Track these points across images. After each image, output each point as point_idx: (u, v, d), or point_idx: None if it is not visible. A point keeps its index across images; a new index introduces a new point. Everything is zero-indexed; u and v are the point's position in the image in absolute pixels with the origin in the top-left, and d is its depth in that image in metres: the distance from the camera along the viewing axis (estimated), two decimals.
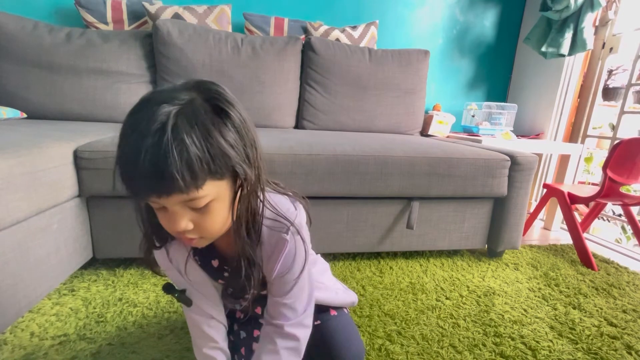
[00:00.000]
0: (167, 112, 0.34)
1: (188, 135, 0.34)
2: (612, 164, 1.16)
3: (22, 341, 0.71)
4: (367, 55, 1.62)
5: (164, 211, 0.39)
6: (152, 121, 0.34)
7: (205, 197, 0.38)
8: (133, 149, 0.34)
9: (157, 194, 0.35)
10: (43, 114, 1.35)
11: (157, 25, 1.40)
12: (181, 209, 0.38)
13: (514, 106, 1.83)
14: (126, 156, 0.35)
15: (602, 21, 1.69)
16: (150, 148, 0.33)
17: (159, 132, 0.33)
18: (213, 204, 0.39)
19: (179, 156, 0.33)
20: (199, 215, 0.39)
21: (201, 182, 0.36)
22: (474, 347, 0.78)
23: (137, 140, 0.34)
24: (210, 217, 0.40)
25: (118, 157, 0.36)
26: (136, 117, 0.36)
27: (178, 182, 0.34)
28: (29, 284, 0.73)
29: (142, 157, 0.33)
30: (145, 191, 0.36)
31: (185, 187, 0.35)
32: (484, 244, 1.26)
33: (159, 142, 0.33)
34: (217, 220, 0.41)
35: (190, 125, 0.34)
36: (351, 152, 1.03)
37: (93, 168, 0.88)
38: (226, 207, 0.41)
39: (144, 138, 0.33)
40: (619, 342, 0.83)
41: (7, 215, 0.65)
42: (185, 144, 0.34)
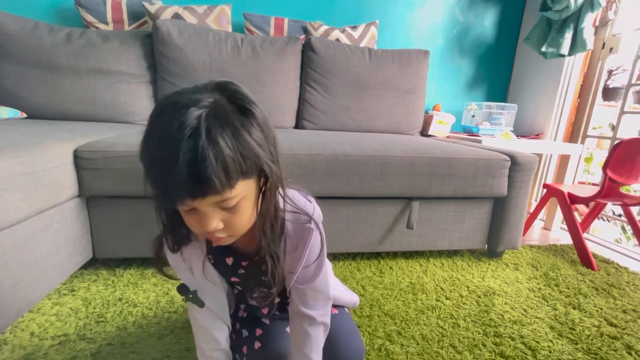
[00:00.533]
0: (197, 115, 0.34)
1: (221, 137, 0.35)
2: (612, 164, 1.16)
3: (22, 341, 0.71)
4: (367, 55, 1.62)
5: (194, 213, 0.39)
6: (183, 126, 0.33)
7: (237, 197, 0.39)
8: (168, 154, 0.34)
9: (193, 197, 0.36)
10: (43, 114, 1.35)
11: (157, 25, 1.40)
12: (212, 210, 0.39)
13: (514, 106, 1.83)
14: (161, 162, 0.35)
15: (602, 21, 1.69)
16: (187, 153, 0.33)
17: (193, 136, 0.33)
18: (242, 202, 0.40)
19: (215, 159, 0.34)
20: (228, 215, 0.40)
21: (234, 182, 0.37)
22: (474, 347, 0.78)
23: (171, 145, 0.34)
24: (239, 215, 0.41)
25: (150, 162, 0.37)
26: (164, 122, 0.35)
27: (215, 185, 0.35)
28: (29, 284, 0.73)
29: (180, 162, 0.33)
30: (182, 195, 0.36)
31: (221, 189, 0.35)
32: (484, 244, 1.26)
33: (195, 146, 0.33)
34: (245, 217, 0.42)
35: (222, 127, 0.35)
36: (351, 152, 1.03)
37: (93, 168, 0.88)
38: (252, 204, 0.43)
39: (178, 143, 0.33)
40: (619, 342, 0.83)
41: (7, 215, 0.65)
42: (220, 147, 0.34)
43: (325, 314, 0.53)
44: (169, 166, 0.34)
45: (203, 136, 0.33)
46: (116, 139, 0.95)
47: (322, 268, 0.51)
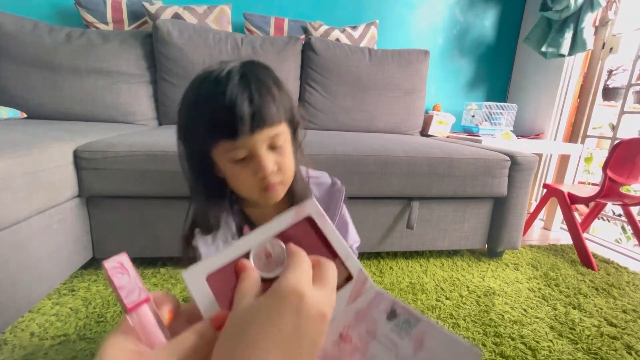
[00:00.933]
0: (236, 68, 0.41)
1: (266, 79, 0.42)
2: (612, 164, 1.16)
3: (22, 341, 0.71)
4: (367, 55, 1.62)
5: (248, 163, 0.43)
6: (231, 74, 0.40)
7: (283, 134, 0.44)
8: (225, 93, 0.39)
9: (252, 129, 0.40)
10: (43, 114, 1.35)
11: (157, 25, 1.40)
12: (265, 151, 0.43)
13: (514, 106, 1.83)
14: (219, 102, 0.40)
15: (602, 21, 1.69)
16: (244, 90, 0.40)
17: (243, 77, 0.40)
18: (285, 144, 0.45)
19: (268, 93, 0.41)
20: (279, 157, 0.45)
21: (282, 117, 0.44)
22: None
23: (226, 86, 0.40)
24: (287, 158, 0.46)
25: (209, 109, 0.41)
26: (208, 79, 0.42)
27: (270, 114, 0.41)
28: (29, 284, 0.74)
29: (238, 97, 0.39)
30: (244, 126, 0.40)
31: (276, 119, 0.42)
32: (484, 244, 1.26)
33: (249, 83, 0.40)
34: (290, 160, 0.47)
35: (263, 73, 0.43)
36: (351, 152, 1.03)
37: (93, 168, 0.88)
38: (292, 150, 0.48)
39: (233, 85, 0.40)
40: (619, 342, 0.83)
41: (7, 215, 0.65)
42: (269, 85, 0.42)
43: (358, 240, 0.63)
44: (229, 105, 0.39)
45: (252, 77, 0.41)
46: (116, 139, 0.95)
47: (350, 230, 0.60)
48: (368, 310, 0.26)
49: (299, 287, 0.21)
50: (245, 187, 0.46)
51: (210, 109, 0.41)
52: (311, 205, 0.28)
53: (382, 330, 0.24)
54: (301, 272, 0.22)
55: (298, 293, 0.20)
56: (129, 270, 0.23)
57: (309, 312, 0.20)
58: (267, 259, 0.25)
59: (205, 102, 0.41)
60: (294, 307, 0.20)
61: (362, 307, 0.26)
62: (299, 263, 0.23)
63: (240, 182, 0.45)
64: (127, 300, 0.22)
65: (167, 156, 0.90)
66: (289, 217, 0.27)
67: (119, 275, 0.22)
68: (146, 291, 0.23)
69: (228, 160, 0.44)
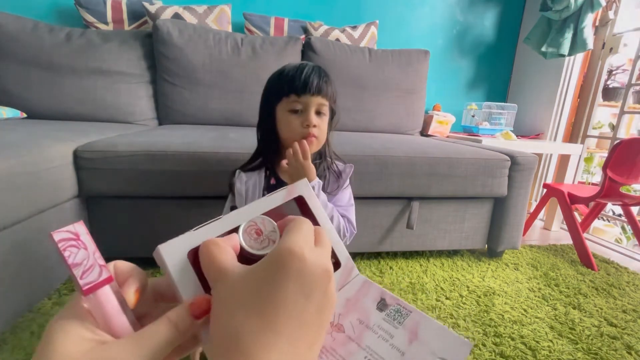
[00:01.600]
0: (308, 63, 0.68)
1: (328, 75, 0.68)
2: (612, 164, 1.16)
3: (22, 341, 0.71)
4: (367, 55, 1.62)
5: (300, 115, 0.65)
6: (308, 64, 0.66)
7: (326, 108, 0.68)
8: (303, 69, 0.65)
9: (314, 92, 0.64)
10: (43, 114, 1.35)
11: (157, 25, 1.40)
12: (313, 113, 0.65)
13: (514, 106, 1.83)
14: (299, 72, 0.64)
15: (602, 21, 1.69)
16: (315, 71, 0.65)
17: (315, 66, 0.66)
18: (325, 118, 0.69)
19: (329, 80, 0.67)
20: (319, 120, 0.67)
21: (329, 97, 0.67)
22: (474, 347, 0.78)
23: (304, 67, 0.65)
24: (324, 124, 0.69)
25: (290, 75, 0.65)
26: (290, 65, 0.67)
27: (328, 89, 0.66)
28: (29, 284, 0.74)
29: (311, 73, 0.64)
30: (311, 87, 0.63)
31: (329, 94, 0.67)
32: (484, 244, 1.26)
33: (319, 70, 0.66)
34: (325, 128, 0.70)
35: (327, 72, 0.68)
36: (351, 152, 1.03)
37: (93, 168, 0.88)
38: (327, 124, 0.70)
39: (309, 67, 0.65)
40: (619, 342, 0.83)
41: (7, 215, 0.65)
42: (329, 78, 0.67)
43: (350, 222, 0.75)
44: (305, 74, 0.64)
45: (321, 69, 0.67)
46: (116, 139, 0.95)
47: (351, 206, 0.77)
48: (357, 298, 0.25)
49: (301, 249, 0.19)
50: (292, 131, 0.66)
51: (292, 75, 0.64)
52: (303, 185, 0.27)
53: (374, 320, 0.24)
54: (302, 235, 0.20)
55: (300, 255, 0.19)
56: (86, 243, 0.19)
57: (314, 272, 0.19)
58: (257, 235, 0.23)
59: (290, 71, 0.65)
60: (298, 269, 0.18)
61: (350, 295, 0.25)
62: (300, 226, 0.21)
63: (290, 127, 0.66)
64: (84, 281, 0.18)
65: (167, 156, 0.90)
66: (281, 195, 0.26)
67: (73, 249, 0.19)
68: (108, 269, 0.20)
69: (287, 110, 0.66)
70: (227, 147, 0.95)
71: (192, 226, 0.23)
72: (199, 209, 0.98)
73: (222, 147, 0.95)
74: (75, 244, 0.19)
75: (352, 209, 0.78)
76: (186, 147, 0.92)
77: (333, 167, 0.75)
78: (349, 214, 0.75)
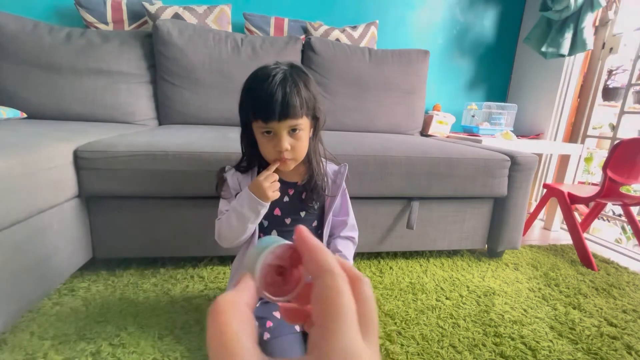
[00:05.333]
0: (283, 69, 0.60)
1: (299, 83, 0.60)
2: (612, 164, 1.16)
3: (22, 341, 0.71)
4: (367, 55, 1.62)
5: (271, 138, 0.62)
6: (276, 74, 0.58)
7: (302, 125, 0.62)
8: (268, 88, 0.57)
9: (280, 117, 0.58)
10: (43, 114, 1.35)
11: (157, 25, 1.40)
12: (285, 134, 0.61)
13: (514, 106, 1.83)
14: (263, 93, 0.58)
15: (602, 21, 1.69)
16: (281, 89, 0.57)
17: (284, 79, 0.58)
18: (302, 133, 0.63)
19: (297, 95, 0.58)
20: (294, 141, 0.62)
21: (304, 113, 0.61)
22: (474, 347, 0.78)
23: (270, 84, 0.57)
24: (301, 143, 0.63)
25: (255, 95, 0.59)
26: (262, 73, 0.60)
27: (296, 110, 0.59)
28: (29, 284, 0.74)
29: (275, 93, 0.57)
30: (274, 115, 0.58)
31: (298, 114, 0.59)
32: (484, 244, 1.26)
33: (285, 85, 0.58)
34: (303, 145, 0.65)
35: (299, 77, 0.60)
36: (351, 152, 1.03)
37: (93, 168, 0.88)
38: (307, 139, 0.66)
39: (275, 85, 0.57)
40: (619, 342, 0.83)
41: (7, 215, 0.65)
42: (299, 88, 0.59)
43: (355, 237, 0.78)
44: (269, 95, 0.57)
45: (289, 80, 0.59)
46: (116, 139, 0.95)
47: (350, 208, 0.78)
48: None
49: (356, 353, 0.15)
50: (266, 153, 0.64)
51: (257, 97, 0.59)
52: None
53: None
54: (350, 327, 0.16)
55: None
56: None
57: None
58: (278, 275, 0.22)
59: (255, 90, 0.60)
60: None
61: None
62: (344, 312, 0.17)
63: (264, 149, 0.64)
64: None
65: (167, 156, 0.90)
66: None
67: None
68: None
69: (260, 133, 0.63)
70: (227, 147, 0.95)
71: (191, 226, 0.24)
72: (199, 209, 0.99)
73: (222, 147, 0.95)
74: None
75: (352, 213, 0.79)
76: (186, 147, 0.92)
77: (326, 170, 0.74)
78: (352, 224, 0.77)
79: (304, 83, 0.61)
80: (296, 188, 0.71)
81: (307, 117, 0.63)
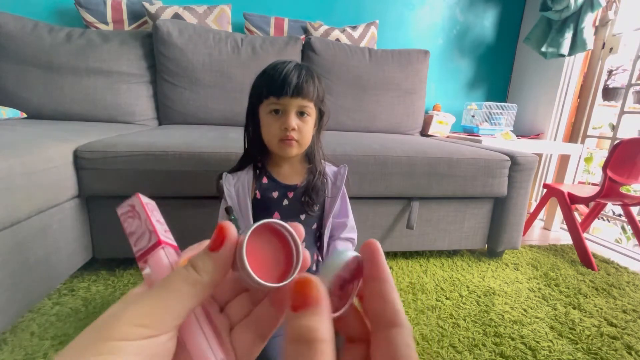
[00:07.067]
0: (292, 61, 0.64)
1: (314, 73, 0.64)
2: (612, 164, 1.16)
3: (22, 341, 0.71)
4: (367, 55, 1.62)
5: (279, 117, 0.62)
6: (292, 62, 0.63)
7: (310, 110, 0.64)
8: (284, 69, 0.61)
9: (293, 94, 0.60)
10: (43, 114, 1.35)
11: (157, 25, 1.40)
12: (293, 113, 0.62)
13: (514, 106, 1.83)
14: (278, 72, 0.60)
15: (602, 21, 1.69)
16: (296, 71, 0.61)
17: (299, 66, 0.63)
18: (309, 119, 0.65)
19: (311, 80, 0.62)
20: (301, 123, 0.63)
21: (313, 97, 0.63)
22: (474, 347, 0.78)
23: (286, 66, 0.61)
24: (307, 126, 0.64)
25: (270, 75, 0.62)
26: (277, 61, 0.63)
27: (309, 91, 0.61)
28: (29, 284, 0.73)
29: (291, 73, 0.60)
30: (288, 90, 0.59)
31: (310, 96, 0.62)
32: (484, 244, 1.26)
33: (301, 69, 0.62)
34: (309, 129, 0.65)
35: (313, 70, 0.64)
36: (351, 152, 1.03)
37: (93, 168, 0.88)
38: (313, 126, 0.67)
39: (291, 66, 0.61)
40: (619, 342, 0.83)
41: (7, 215, 0.65)
42: (314, 76, 0.63)
43: (354, 238, 0.77)
44: (284, 76, 0.60)
45: (304, 68, 0.63)
46: (116, 139, 0.95)
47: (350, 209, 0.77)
48: None
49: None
50: (271, 133, 0.63)
51: (271, 75, 0.61)
52: None
53: None
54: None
55: None
56: (139, 212, 0.19)
57: None
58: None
59: (270, 71, 0.62)
60: None
61: None
62: None
63: (269, 129, 0.63)
64: (136, 248, 0.18)
65: (167, 156, 0.90)
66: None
67: (129, 220, 0.19)
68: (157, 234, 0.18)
69: (268, 112, 0.63)
70: (227, 147, 0.95)
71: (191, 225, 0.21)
72: (199, 209, 0.99)
73: (222, 147, 0.95)
74: (131, 215, 0.19)
75: (352, 215, 0.78)
76: (186, 147, 0.92)
77: (325, 169, 0.73)
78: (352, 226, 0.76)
79: (317, 75, 0.64)
80: (296, 190, 0.70)
81: (315, 107, 0.65)
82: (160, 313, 0.14)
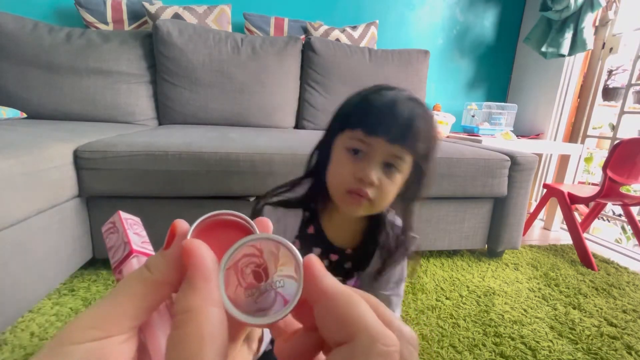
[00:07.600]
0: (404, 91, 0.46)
1: (430, 114, 0.46)
2: (612, 164, 1.16)
3: (22, 341, 0.71)
4: (367, 55, 1.62)
5: (358, 159, 0.45)
6: (404, 93, 0.45)
7: (403, 163, 0.45)
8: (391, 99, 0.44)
9: (393, 137, 0.43)
10: (43, 114, 1.35)
11: (157, 25, 1.40)
12: (378, 163, 0.45)
13: (514, 106, 1.83)
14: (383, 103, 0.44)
15: (602, 21, 1.69)
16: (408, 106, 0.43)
17: (413, 99, 0.45)
18: (398, 175, 0.46)
19: (424, 122, 0.44)
20: (385, 179, 0.45)
21: (416, 149, 0.45)
22: (474, 347, 0.78)
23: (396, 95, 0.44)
24: (390, 186, 0.46)
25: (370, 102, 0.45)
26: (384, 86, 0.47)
27: (415, 140, 0.44)
28: (29, 284, 0.73)
29: (399, 107, 0.43)
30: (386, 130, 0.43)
31: (414, 147, 0.44)
32: (484, 244, 1.26)
33: (414, 105, 0.44)
34: (392, 190, 0.47)
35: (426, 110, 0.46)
36: None
37: (93, 168, 0.88)
38: (396, 188, 0.48)
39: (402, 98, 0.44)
40: (619, 342, 0.83)
41: (7, 215, 0.65)
42: (428, 118, 0.45)
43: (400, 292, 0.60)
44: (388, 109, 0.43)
45: (419, 103, 0.45)
46: (116, 139, 0.95)
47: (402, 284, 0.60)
48: None
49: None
50: (340, 177, 0.47)
51: (370, 101, 0.45)
52: None
53: None
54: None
55: None
56: (117, 227, 0.20)
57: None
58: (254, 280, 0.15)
59: (370, 96, 0.46)
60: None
61: None
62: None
63: (340, 170, 0.47)
64: (112, 260, 0.18)
65: (167, 156, 0.90)
66: None
67: (110, 236, 0.19)
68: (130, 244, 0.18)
69: (346, 146, 0.46)
70: (227, 147, 0.95)
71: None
72: (199, 209, 0.98)
73: (222, 147, 0.95)
74: (112, 231, 0.20)
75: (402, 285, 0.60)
76: (186, 147, 0.92)
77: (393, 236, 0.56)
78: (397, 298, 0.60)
79: (434, 124, 0.47)
80: (342, 255, 0.55)
81: (413, 162, 0.47)
82: (113, 314, 0.14)
